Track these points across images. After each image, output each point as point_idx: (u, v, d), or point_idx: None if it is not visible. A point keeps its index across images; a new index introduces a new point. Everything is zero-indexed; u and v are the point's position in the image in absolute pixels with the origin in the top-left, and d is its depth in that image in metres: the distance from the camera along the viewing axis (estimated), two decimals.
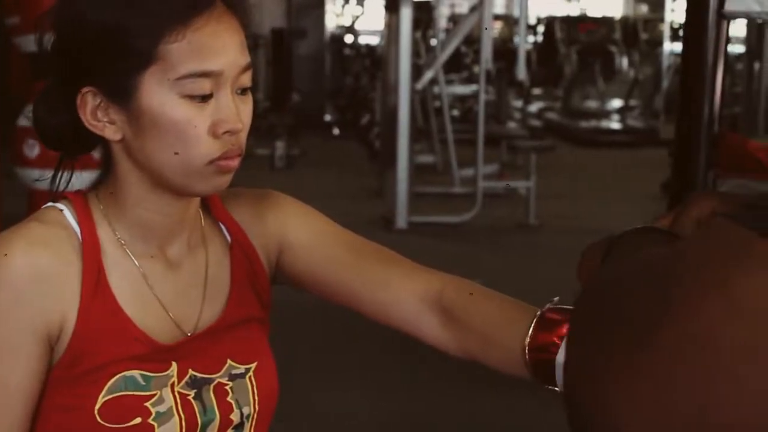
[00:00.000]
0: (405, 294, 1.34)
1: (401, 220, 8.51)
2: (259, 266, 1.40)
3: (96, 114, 1.27)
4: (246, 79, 1.29)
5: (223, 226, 1.40)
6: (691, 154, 2.93)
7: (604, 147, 13.28)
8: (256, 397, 1.35)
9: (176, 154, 1.24)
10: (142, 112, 1.25)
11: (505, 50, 12.79)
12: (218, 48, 1.25)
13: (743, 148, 2.97)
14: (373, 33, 14.76)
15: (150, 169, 1.28)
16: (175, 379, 1.30)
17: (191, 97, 1.24)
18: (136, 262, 1.32)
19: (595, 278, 0.88)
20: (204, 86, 1.24)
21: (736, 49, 13.64)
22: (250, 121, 1.31)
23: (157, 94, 1.23)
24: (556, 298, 1.29)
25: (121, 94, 1.25)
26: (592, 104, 15.10)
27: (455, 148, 9.69)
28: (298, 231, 1.40)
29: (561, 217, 8.83)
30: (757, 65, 11.63)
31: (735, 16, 2.92)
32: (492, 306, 1.31)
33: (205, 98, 1.25)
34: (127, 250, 1.32)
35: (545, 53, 15.66)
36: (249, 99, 1.31)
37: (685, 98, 2.99)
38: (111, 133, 1.28)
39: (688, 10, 2.97)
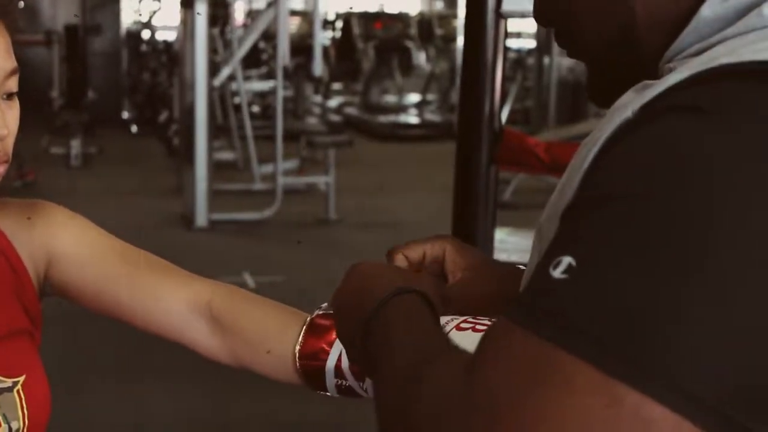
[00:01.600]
0: (174, 303, 1.33)
1: (201, 218, 8.44)
2: (27, 278, 1.36)
3: None
4: (12, 84, 1.25)
5: None
6: (474, 149, 3.01)
7: (403, 141, 13.49)
8: (26, 411, 1.32)
9: None
10: None
11: (303, 46, 12.81)
12: None
13: (522, 144, 3.06)
14: (170, 29, 14.55)
15: None
16: None
17: None
18: None
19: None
20: None
21: (527, 44, 14.06)
22: (17, 126, 1.27)
23: None
24: (324, 304, 1.30)
25: None
26: (390, 99, 15.30)
27: (255, 145, 9.67)
28: (67, 242, 1.37)
29: (360, 211, 8.93)
30: (546, 60, 12.02)
31: (512, 15, 3.01)
32: (262, 313, 1.31)
33: None
34: None
35: (343, 49, 15.77)
36: (15, 104, 1.27)
37: (465, 95, 3.06)
38: None
39: (467, 10, 3.04)
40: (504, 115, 11.36)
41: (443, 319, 1.11)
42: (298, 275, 6.50)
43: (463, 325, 1.07)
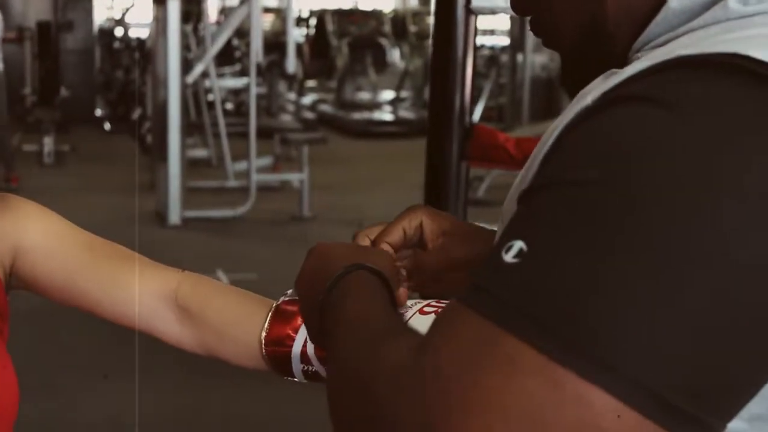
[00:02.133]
0: (140, 293, 1.33)
1: (174, 216, 8.42)
2: None
3: None
4: None
5: None
6: (444, 145, 3.02)
7: (377, 138, 13.49)
8: None
9: None
10: None
11: (277, 43, 12.81)
12: None
13: (493, 140, 3.08)
14: (143, 26, 14.51)
15: None
16: None
17: None
18: None
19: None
20: None
21: (501, 41, 14.09)
22: None
23: None
24: (290, 290, 1.31)
25: None
26: (364, 96, 15.30)
27: (229, 142, 9.66)
28: (34, 235, 1.36)
29: (334, 208, 8.93)
30: (520, 57, 12.06)
31: (482, 11, 3.03)
32: (228, 301, 1.32)
33: None
34: None
35: (318, 46, 15.77)
36: None
37: (436, 92, 3.08)
38: None
39: (437, 6, 3.05)
40: (478, 112, 11.41)
41: (407, 302, 1.12)
42: (272, 272, 6.49)
43: (426, 309, 1.08)
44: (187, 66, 9.25)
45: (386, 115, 14.71)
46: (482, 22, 2.92)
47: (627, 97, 0.75)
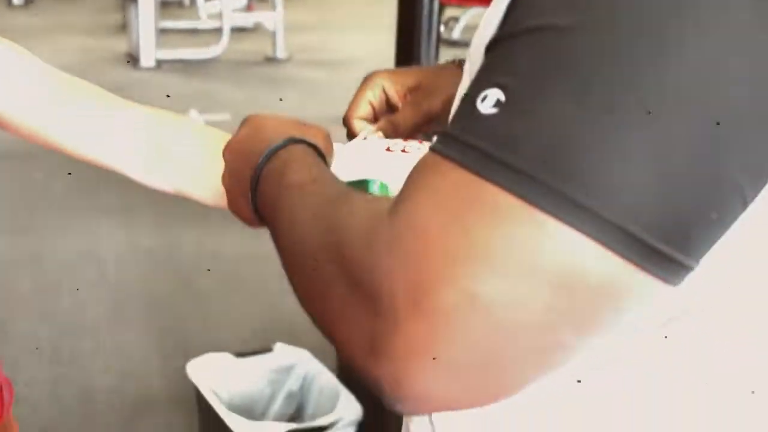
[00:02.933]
0: (107, 130, 1.30)
1: (147, 57, 8.35)
2: None
3: None
4: None
5: None
6: None
7: None
8: None
9: None
10: None
11: None
12: None
13: None
14: None
15: None
16: None
17: None
18: None
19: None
20: None
21: None
22: None
23: None
24: None
25: None
26: None
27: None
28: (8, 74, 1.34)
29: (308, 49, 8.86)
30: None
31: None
32: (196, 138, 1.29)
33: None
34: None
35: None
36: None
37: None
38: None
39: None
40: None
41: (375, 142, 1.13)
42: (246, 113, 6.42)
43: (392, 147, 1.09)
44: None
45: None
46: None
47: None
